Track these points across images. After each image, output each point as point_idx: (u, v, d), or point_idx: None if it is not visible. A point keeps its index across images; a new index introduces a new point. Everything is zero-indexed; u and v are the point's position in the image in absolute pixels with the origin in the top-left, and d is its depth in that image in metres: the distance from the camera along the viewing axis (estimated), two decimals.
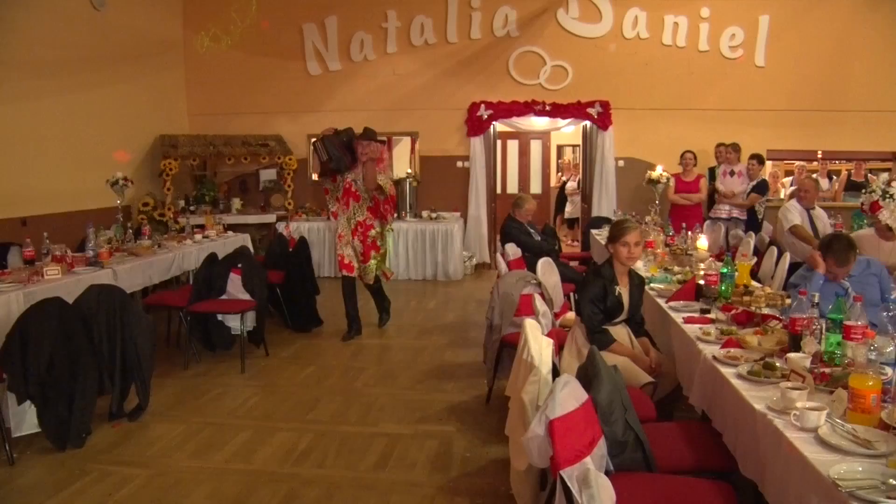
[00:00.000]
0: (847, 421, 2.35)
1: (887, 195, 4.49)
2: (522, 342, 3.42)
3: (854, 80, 10.28)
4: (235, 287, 6.35)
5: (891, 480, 1.97)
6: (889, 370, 2.65)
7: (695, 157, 9.29)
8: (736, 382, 2.88)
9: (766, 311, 3.79)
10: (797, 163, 11.06)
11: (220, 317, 6.47)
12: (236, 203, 11.07)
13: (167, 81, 11.19)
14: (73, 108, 8.81)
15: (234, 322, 6.40)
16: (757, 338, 3.30)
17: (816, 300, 3.23)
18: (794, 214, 7.12)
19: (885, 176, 4.69)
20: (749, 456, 2.67)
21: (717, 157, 9.47)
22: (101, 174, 8.48)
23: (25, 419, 4.43)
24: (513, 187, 15.35)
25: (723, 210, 9.16)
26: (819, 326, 3.12)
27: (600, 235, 8.33)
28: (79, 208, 8.63)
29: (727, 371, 3.03)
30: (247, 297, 6.28)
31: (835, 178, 11.22)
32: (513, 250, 6.76)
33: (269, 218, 10.80)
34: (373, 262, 7.01)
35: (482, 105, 10.79)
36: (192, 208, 10.59)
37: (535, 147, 15.87)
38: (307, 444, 4.53)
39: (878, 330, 3.07)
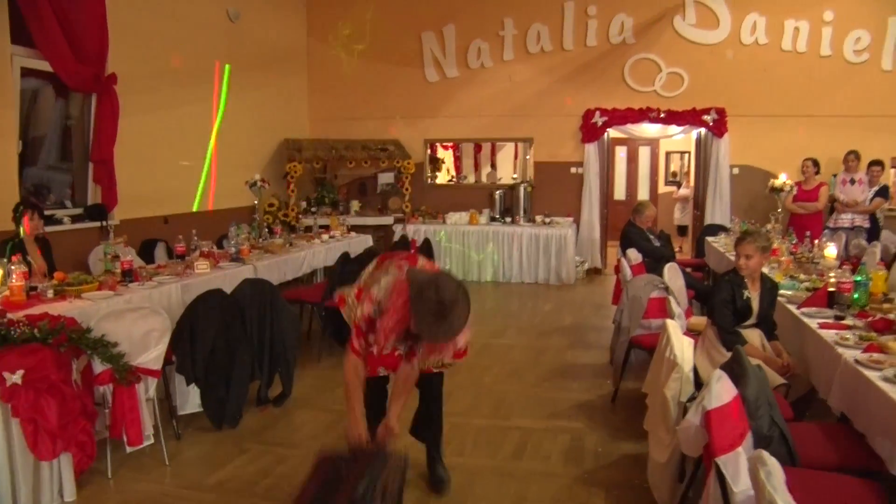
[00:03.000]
0: None
1: None
2: (664, 341, 3.62)
3: None
4: None
5: None
6: None
7: (815, 165, 9.18)
8: (883, 385, 3.00)
9: None
10: None
11: None
12: (355, 205, 11.56)
13: (291, 87, 11.77)
14: (209, 115, 9.43)
15: None
16: (880, 335, 3.40)
17: None
18: None
19: None
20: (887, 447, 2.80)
21: (847, 165, 9.31)
22: (233, 177, 9.08)
23: (189, 399, 4.88)
24: (620, 193, 15.43)
25: (845, 219, 9.02)
26: None
27: (717, 243, 8.37)
28: (212, 208, 9.26)
29: (871, 374, 3.14)
30: None
31: None
32: (634, 255, 6.90)
33: (387, 220, 11.22)
34: None
35: (597, 112, 10.92)
36: (313, 209, 11.11)
37: (644, 153, 15.90)
38: (445, 433, 4.82)
39: None
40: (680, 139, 12.82)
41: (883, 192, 8.97)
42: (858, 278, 4.47)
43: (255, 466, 4.33)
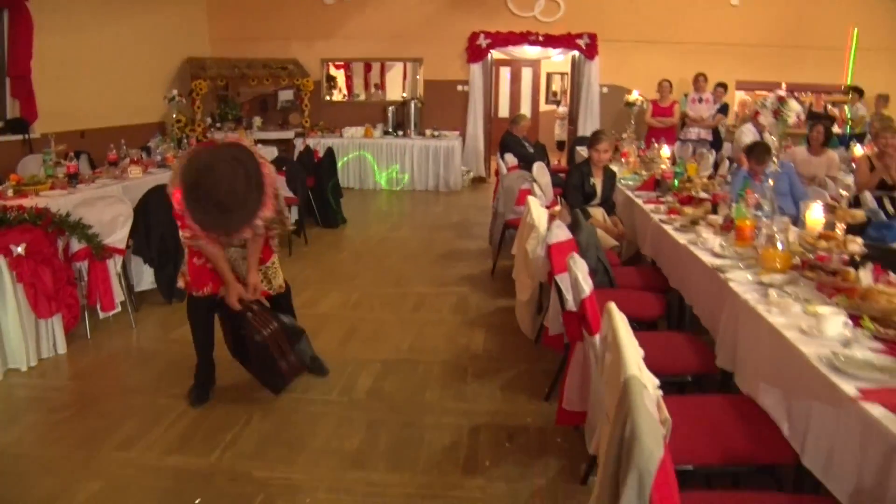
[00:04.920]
0: (732, 245, 3.78)
1: (763, 106, 5.83)
2: (526, 211, 4.82)
3: (816, 20, 11.52)
4: (281, 186, 7.65)
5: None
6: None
7: (670, 85, 10.55)
8: (672, 232, 4.31)
9: (702, 195, 5.19)
10: (760, 93, 12.35)
11: None
12: (257, 121, 12.30)
13: (191, 9, 12.22)
14: (112, 37, 9.88)
15: None
16: (691, 209, 4.72)
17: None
18: (747, 135, 8.47)
19: (772, 98, 6.01)
20: (675, 277, 4.12)
21: (696, 86, 10.69)
22: (139, 94, 9.68)
23: (143, 278, 5.79)
24: (504, 111, 16.60)
25: (692, 132, 10.45)
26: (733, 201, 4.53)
27: (584, 152, 9.68)
28: (122, 123, 9.86)
29: (667, 227, 4.46)
30: (291, 195, 7.61)
31: None
32: (510, 159, 8.11)
33: (288, 135, 12.03)
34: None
35: (481, 35, 11.95)
36: (217, 125, 11.78)
37: (527, 74, 17.09)
38: (356, 299, 5.96)
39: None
40: (560, 60, 14.03)
41: (723, 110, 10.47)
42: (677, 169, 5.81)
43: None
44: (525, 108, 16.82)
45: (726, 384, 3.14)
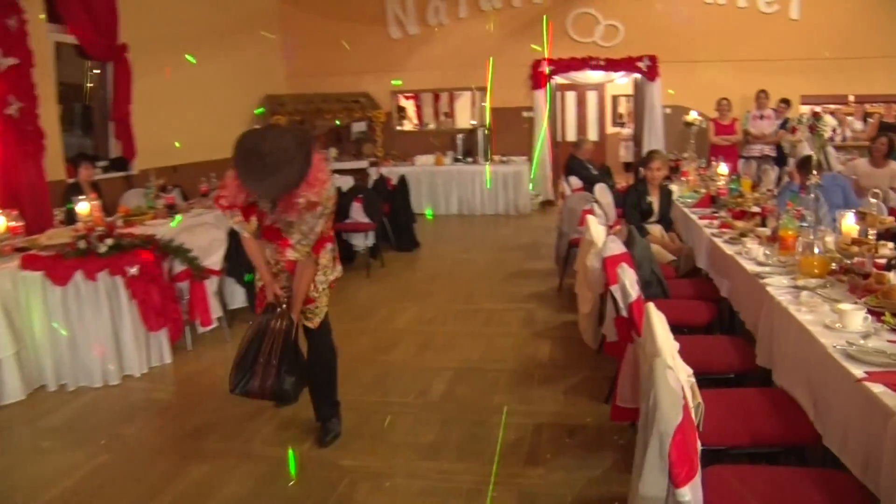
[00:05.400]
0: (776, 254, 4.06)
1: (799, 122, 6.04)
2: (586, 229, 5.17)
3: (882, 29, 11.50)
4: (357, 213, 8.17)
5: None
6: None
7: (729, 103, 10.73)
8: (722, 245, 4.60)
9: (753, 209, 5.46)
10: (828, 106, 12.37)
11: (345, 236, 8.30)
12: (332, 152, 12.92)
13: (268, 48, 12.95)
14: (198, 79, 10.61)
15: (357, 240, 8.23)
16: (742, 222, 5.01)
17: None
18: (804, 150, 8.64)
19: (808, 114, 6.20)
20: (724, 286, 4.42)
21: (758, 102, 10.80)
22: (224, 131, 10.31)
23: (235, 297, 6.32)
24: (571, 135, 16.88)
25: (754, 149, 10.58)
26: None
27: None
28: (210, 158, 10.54)
29: (717, 240, 4.76)
30: (367, 220, 8.11)
31: (869, 119, 12.50)
32: (575, 181, 8.46)
33: (362, 164, 12.60)
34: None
35: (543, 62, 12.36)
36: None
37: (592, 98, 17.38)
38: (431, 315, 6.39)
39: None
40: (625, 83, 14.32)
41: (785, 125, 10.58)
42: (732, 186, 6.07)
43: None
44: (591, 132, 17.07)
45: (767, 382, 3.42)
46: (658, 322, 2.60)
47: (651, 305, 2.74)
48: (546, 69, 12.39)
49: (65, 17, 7.96)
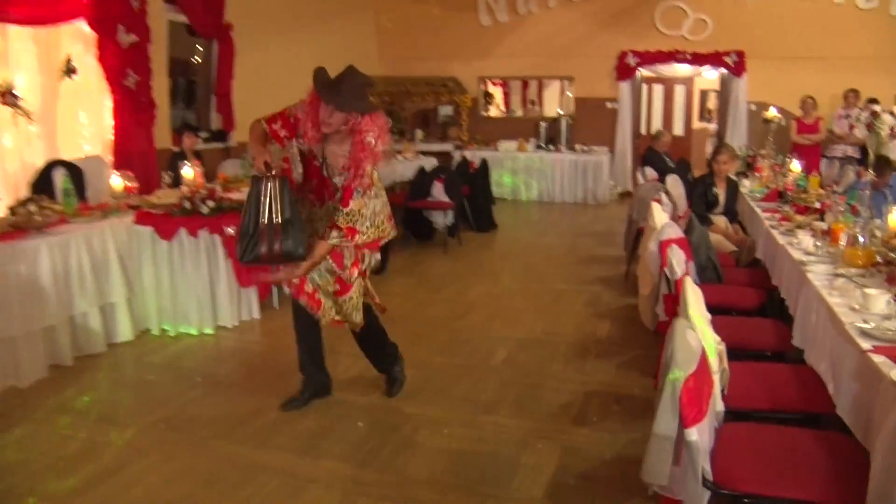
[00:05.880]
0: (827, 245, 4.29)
1: (858, 121, 6.11)
2: (649, 215, 5.46)
3: None
4: (439, 192, 8.59)
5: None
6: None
7: (814, 102, 10.67)
8: (778, 237, 4.84)
9: (816, 205, 5.64)
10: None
11: (425, 214, 8.75)
12: (419, 134, 13.43)
13: (363, 32, 13.57)
14: (294, 58, 11.18)
15: (437, 218, 8.66)
16: (801, 216, 5.22)
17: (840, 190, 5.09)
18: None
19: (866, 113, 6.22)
20: (775, 274, 4.66)
21: (846, 101, 10.68)
22: None
23: None
24: (657, 128, 16.92)
25: (837, 149, 10.50)
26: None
27: None
28: None
29: (773, 231, 4.99)
30: (447, 199, 8.53)
31: None
32: (650, 172, 8.68)
33: (447, 147, 13.05)
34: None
35: (630, 53, 12.53)
36: None
37: (680, 92, 17.34)
38: (500, 291, 6.79)
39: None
40: (714, 78, 14.31)
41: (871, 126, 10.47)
42: (800, 182, 6.25)
43: None
44: (677, 126, 17.05)
45: (801, 362, 3.69)
46: (692, 294, 2.93)
47: (688, 279, 3.07)
48: (631, 61, 12.54)
49: None
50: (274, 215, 3.57)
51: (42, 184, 6.14)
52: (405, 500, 3.24)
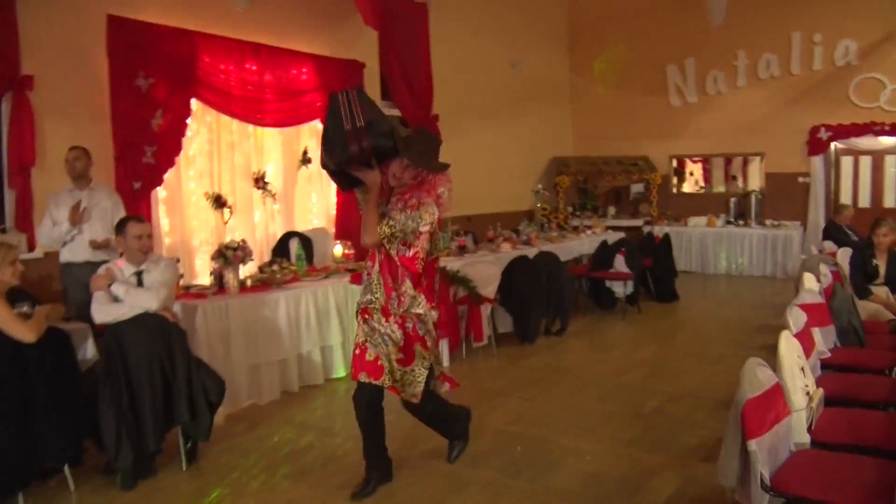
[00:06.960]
0: None
1: None
2: (800, 286, 5.89)
3: None
4: (620, 264, 9.26)
5: None
6: None
7: None
8: None
9: None
10: None
11: (608, 283, 9.43)
12: (611, 210, 14.15)
13: (558, 115, 14.69)
14: (493, 141, 12.44)
15: (617, 287, 9.33)
16: None
17: None
18: None
19: None
20: None
21: None
22: (513, 187, 12.08)
23: (503, 323, 7.79)
24: (864, 201, 16.39)
25: None
26: None
27: None
28: (499, 210, 12.25)
29: None
30: (627, 270, 9.19)
31: None
32: (829, 245, 8.88)
33: (638, 223, 13.66)
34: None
35: (822, 128, 12.60)
36: (577, 213, 13.84)
37: (891, 162, 16.73)
38: (665, 353, 7.39)
39: None
40: None
41: None
42: None
43: (539, 360, 7.14)
44: (889, 198, 16.47)
45: None
46: (785, 343, 3.52)
47: (786, 332, 3.65)
48: (823, 135, 12.61)
49: (392, 93, 10.15)
50: (356, 120, 3.78)
51: (281, 249, 7.77)
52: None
